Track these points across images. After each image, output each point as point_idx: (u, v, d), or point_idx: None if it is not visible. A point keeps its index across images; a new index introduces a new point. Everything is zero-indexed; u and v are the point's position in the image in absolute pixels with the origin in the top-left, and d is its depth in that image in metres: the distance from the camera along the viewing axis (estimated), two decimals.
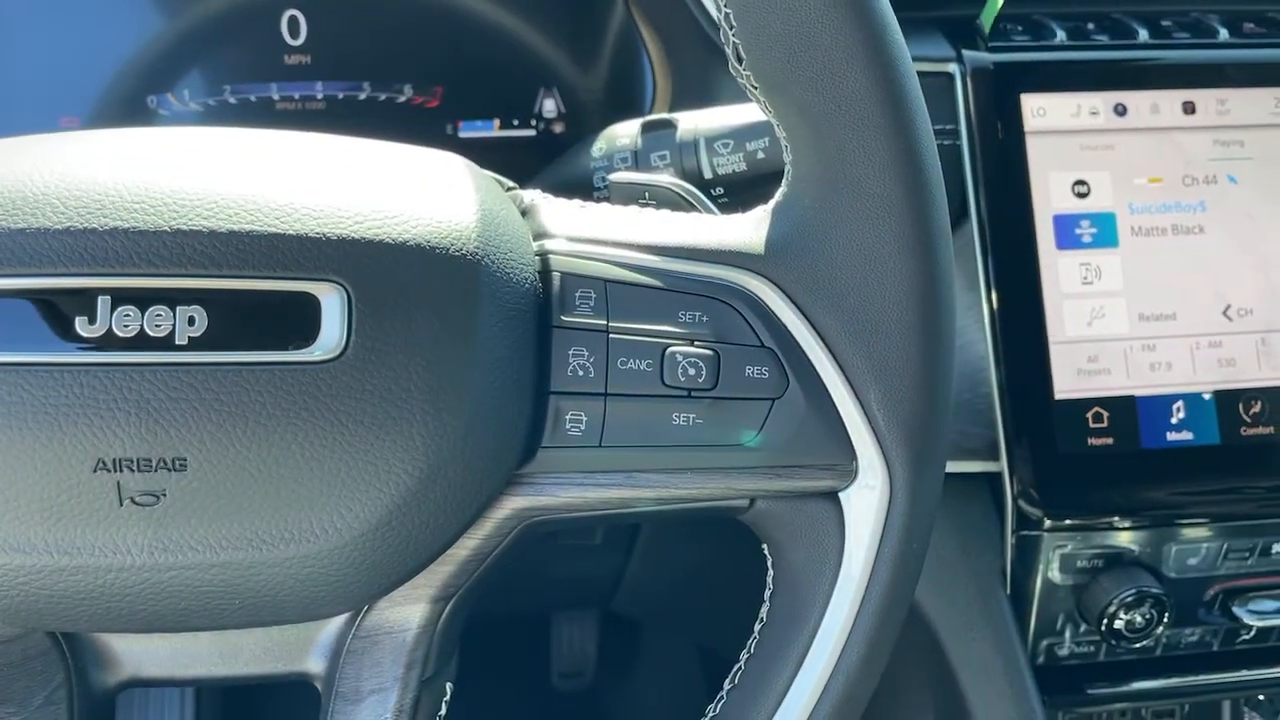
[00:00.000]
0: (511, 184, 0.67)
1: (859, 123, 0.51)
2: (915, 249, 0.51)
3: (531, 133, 1.08)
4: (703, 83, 0.96)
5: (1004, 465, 0.83)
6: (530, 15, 1.05)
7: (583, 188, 0.78)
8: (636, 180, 0.64)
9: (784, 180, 0.55)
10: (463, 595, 0.56)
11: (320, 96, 1.05)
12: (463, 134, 1.07)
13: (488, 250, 0.51)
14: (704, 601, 1.33)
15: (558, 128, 1.08)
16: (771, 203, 0.56)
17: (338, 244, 0.48)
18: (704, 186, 0.73)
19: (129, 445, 0.45)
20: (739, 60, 0.53)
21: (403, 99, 1.06)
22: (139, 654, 0.56)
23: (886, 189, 0.51)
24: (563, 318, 0.52)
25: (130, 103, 1.02)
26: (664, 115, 0.75)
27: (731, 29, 0.52)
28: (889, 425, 0.52)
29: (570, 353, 0.52)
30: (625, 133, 0.76)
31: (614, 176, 0.64)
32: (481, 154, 1.10)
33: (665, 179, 0.64)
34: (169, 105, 1.03)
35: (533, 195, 0.61)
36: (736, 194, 0.73)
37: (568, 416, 0.52)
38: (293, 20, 1.03)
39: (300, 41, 1.03)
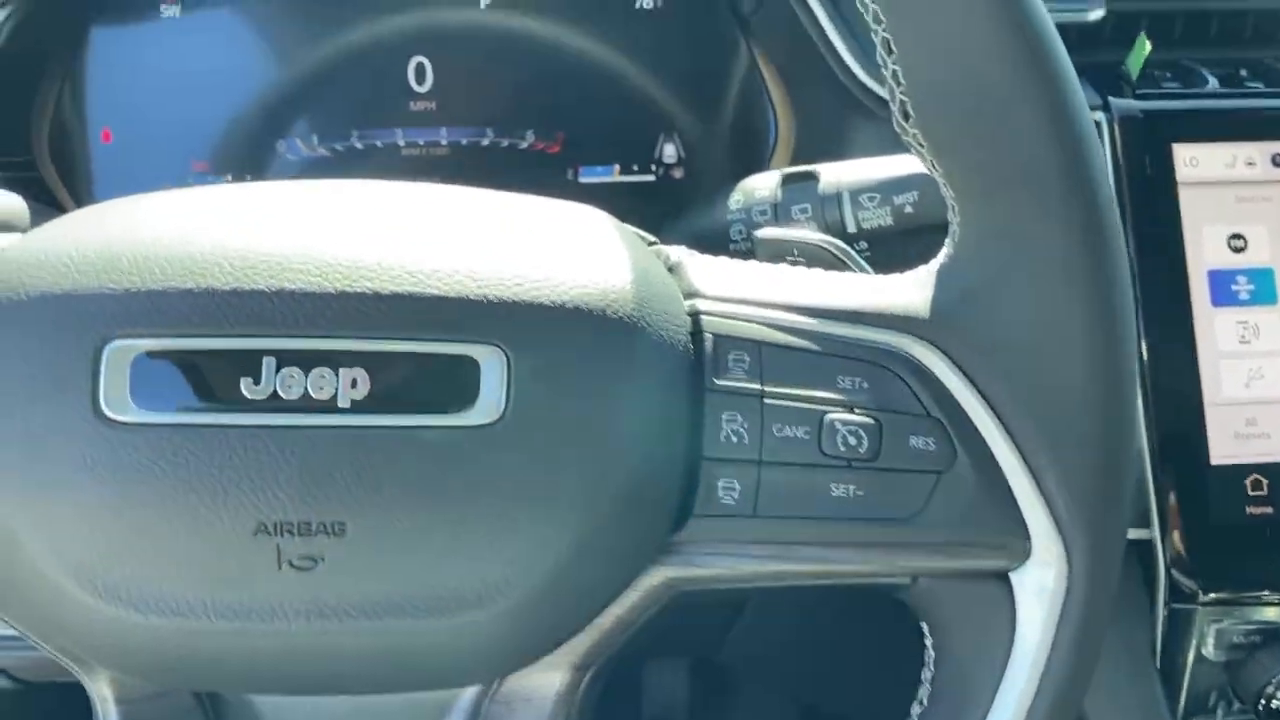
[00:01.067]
0: (652, 239, 0.66)
1: (1038, 184, 0.48)
2: (1098, 315, 0.49)
3: (651, 178, 1.07)
4: (831, 130, 0.95)
5: (1155, 534, 0.79)
6: (652, 61, 1.04)
7: (717, 241, 0.76)
8: (786, 237, 0.62)
9: (949, 241, 0.53)
10: (603, 663, 0.55)
11: (445, 143, 1.06)
12: (583, 179, 1.07)
13: (643, 312, 0.50)
14: (812, 657, 1.29)
15: (677, 173, 1.07)
16: (935, 263, 0.53)
17: (498, 307, 0.47)
18: (847, 240, 0.71)
19: (290, 509, 0.45)
20: (906, 118, 0.51)
21: (525, 145, 1.06)
22: (279, 715, 0.56)
23: (1067, 252, 0.48)
24: (715, 381, 0.51)
25: (258, 146, 1.04)
26: (805, 168, 0.73)
27: (899, 86, 0.50)
28: (1067, 503, 0.49)
29: (723, 418, 0.50)
30: (764, 185, 0.74)
31: (761, 233, 0.63)
32: (601, 199, 1.11)
33: (816, 236, 0.62)
34: (297, 150, 1.04)
35: (678, 252, 0.60)
36: (881, 248, 0.71)
37: (720, 484, 0.50)
38: (419, 67, 1.04)
39: (426, 88, 1.04)
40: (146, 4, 1.01)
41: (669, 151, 1.07)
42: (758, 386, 0.50)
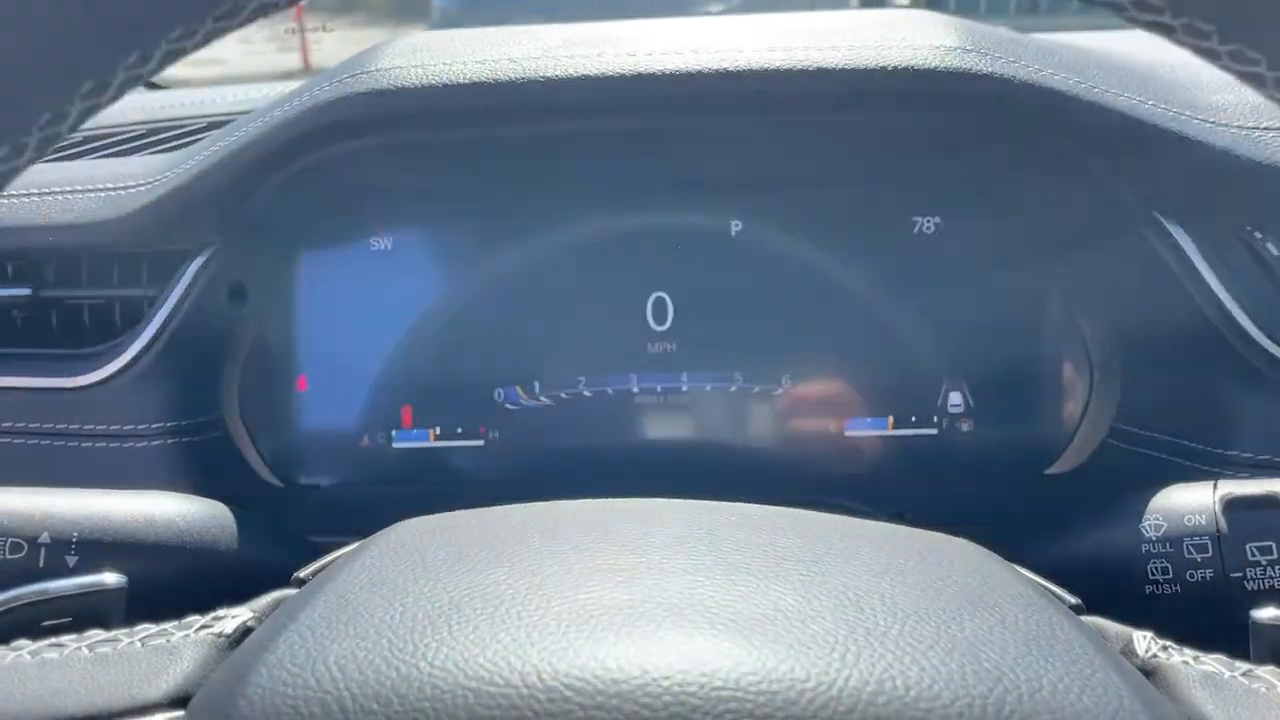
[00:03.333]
0: (1076, 600, 0.47)
1: None
2: None
3: (933, 431, 0.89)
4: (1188, 398, 0.75)
5: None
6: (932, 294, 0.87)
7: (1115, 574, 0.56)
8: None
9: None
10: None
11: (685, 389, 0.90)
12: (849, 432, 0.89)
13: None
14: None
15: (965, 425, 0.89)
16: None
17: None
18: None
19: None
20: None
21: (779, 392, 0.89)
22: None
23: None
24: None
25: (473, 396, 0.89)
26: (1261, 488, 0.53)
27: None
28: None
29: None
30: (1189, 505, 0.55)
31: (1263, 616, 0.43)
32: (870, 457, 0.93)
33: None
34: (516, 399, 0.90)
35: (1147, 644, 0.41)
36: None
37: None
38: (659, 303, 0.89)
39: (665, 327, 0.89)
40: (354, 236, 0.89)
41: (955, 400, 0.89)
42: None
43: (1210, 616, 0.54)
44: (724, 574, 0.41)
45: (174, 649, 0.41)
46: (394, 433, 0.90)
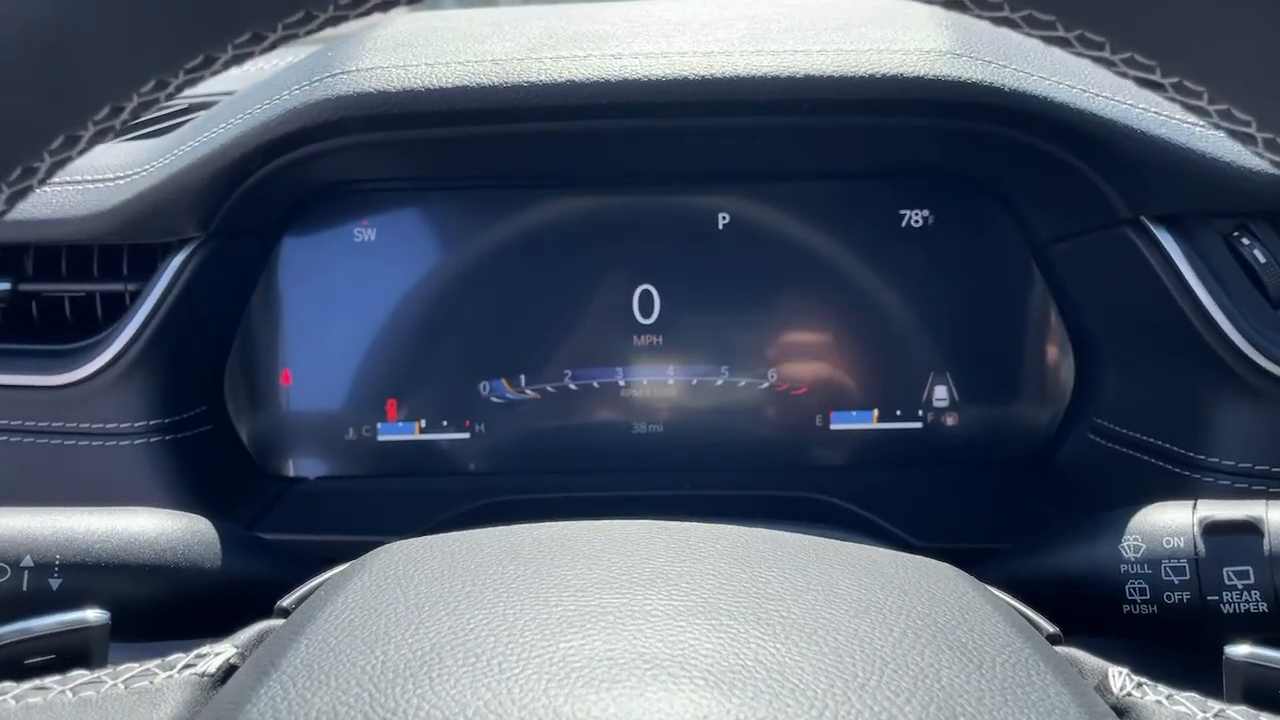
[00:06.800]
0: (1054, 629, 0.48)
1: None
2: None
3: (917, 425, 0.89)
4: (1175, 399, 0.75)
5: None
6: (919, 287, 0.87)
7: (1094, 593, 0.57)
8: (1276, 665, 0.43)
9: None
10: None
11: (672, 382, 0.90)
12: (835, 425, 0.90)
13: None
14: None
15: (950, 419, 0.89)
16: None
17: None
18: None
19: None
20: None
21: (765, 385, 0.89)
22: None
23: None
24: None
25: (459, 388, 0.89)
26: (1238, 512, 0.54)
27: None
28: None
29: None
30: (1172, 527, 0.55)
31: (1236, 653, 0.44)
32: (855, 450, 0.94)
33: None
34: (502, 392, 0.89)
35: (1122, 681, 0.42)
36: None
37: None
38: (645, 296, 0.88)
39: (652, 320, 0.89)
40: (336, 228, 0.88)
41: (939, 394, 0.89)
42: None
43: (1187, 638, 0.54)
44: (705, 618, 0.41)
45: (158, 691, 0.41)
46: (379, 425, 0.90)
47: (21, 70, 0.29)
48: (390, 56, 0.74)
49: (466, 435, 0.90)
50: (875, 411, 0.90)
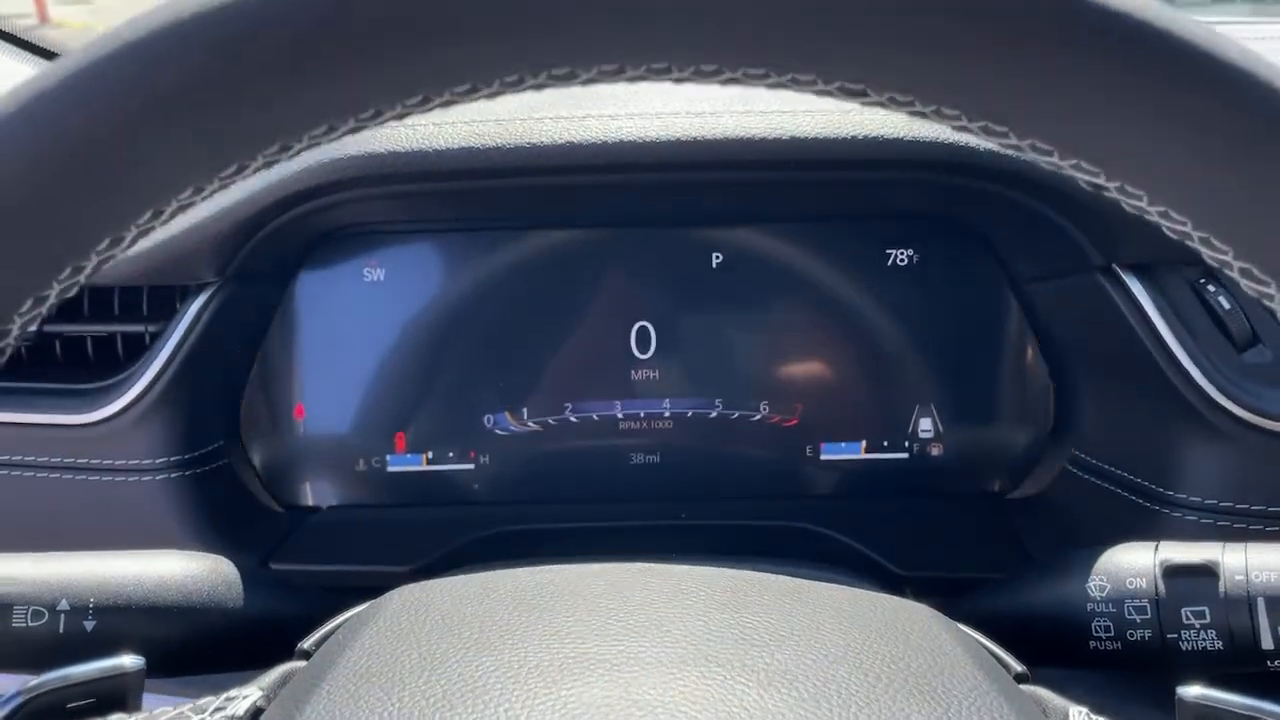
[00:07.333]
0: (1021, 669, 0.52)
1: None
2: None
3: (904, 455, 0.93)
4: (1148, 436, 0.79)
5: None
6: (906, 323, 0.91)
7: (1062, 630, 0.61)
8: (1224, 706, 0.47)
9: None
10: None
11: (668, 414, 0.93)
12: (825, 456, 0.94)
13: None
14: None
15: (935, 449, 0.93)
16: None
17: None
18: (1259, 658, 0.56)
19: None
20: None
21: (757, 417, 0.93)
22: None
23: None
24: None
25: (468, 419, 0.93)
26: (1198, 556, 0.57)
27: None
28: None
29: None
30: (1137, 569, 0.59)
31: (1187, 694, 0.48)
32: (843, 479, 0.98)
33: (1269, 708, 0.47)
34: (505, 425, 0.93)
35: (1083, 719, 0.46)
36: None
37: None
38: (642, 332, 0.92)
39: (648, 355, 0.93)
40: (347, 268, 0.92)
41: (925, 426, 0.93)
42: None
43: (1147, 672, 0.58)
44: (695, 665, 0.45)
45: None
46: (388, 456, 0.94)
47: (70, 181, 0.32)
48: None
49: (472, 466, 0.94)
50: (863, 443, 0.94)
